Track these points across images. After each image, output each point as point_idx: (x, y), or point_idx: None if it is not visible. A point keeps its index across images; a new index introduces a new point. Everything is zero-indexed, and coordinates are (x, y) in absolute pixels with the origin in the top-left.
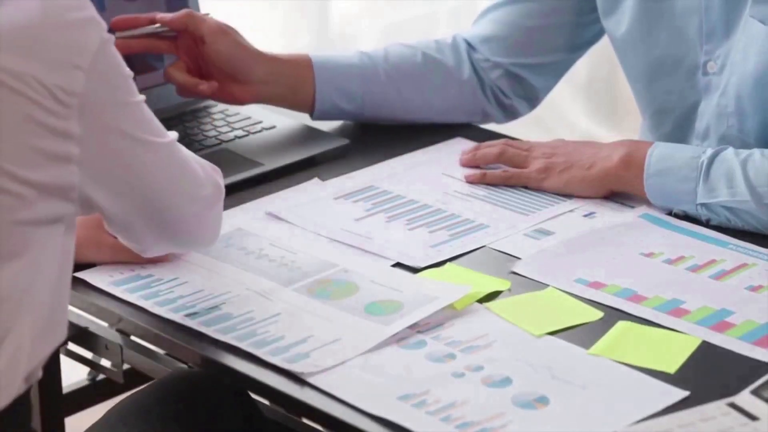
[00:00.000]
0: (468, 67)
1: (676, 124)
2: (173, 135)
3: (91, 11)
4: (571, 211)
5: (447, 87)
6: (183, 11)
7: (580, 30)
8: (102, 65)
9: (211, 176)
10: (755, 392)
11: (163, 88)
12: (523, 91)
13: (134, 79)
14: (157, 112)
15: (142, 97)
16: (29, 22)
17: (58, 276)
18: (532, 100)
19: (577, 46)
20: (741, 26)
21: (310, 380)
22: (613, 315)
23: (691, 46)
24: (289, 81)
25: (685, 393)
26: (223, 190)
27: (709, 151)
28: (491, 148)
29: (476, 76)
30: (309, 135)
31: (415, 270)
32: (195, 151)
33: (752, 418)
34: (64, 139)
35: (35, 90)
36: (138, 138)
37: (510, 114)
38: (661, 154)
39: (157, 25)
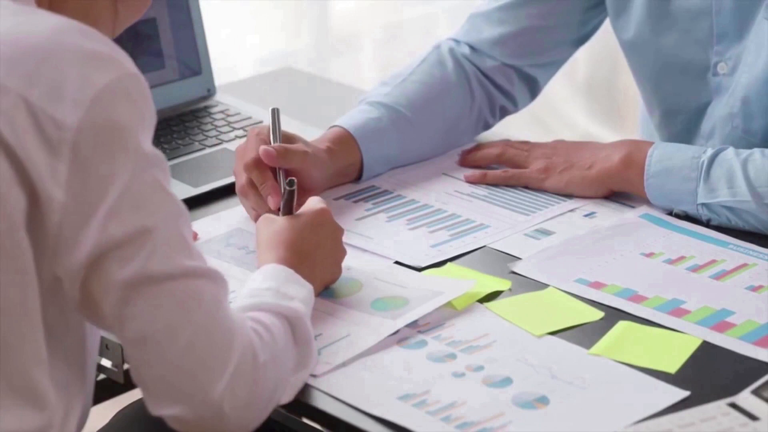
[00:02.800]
0: (478, 88)
1: (685, 124)
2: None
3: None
4: (571, 211)
5: (462, 118)
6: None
7: (584, 24)
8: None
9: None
10: (755, 392)
11: (162, 88)
12: (529, 91)
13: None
14: (157, 113)
15: None
16: None
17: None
18: (533, 95)
19: (580, 40)
20: (754, 28)
21: (311, 380)
22: (613, 315)
23: (701, 48)
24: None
25: (685, 393)
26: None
27: (710, 151)
28: (491, 148)
29: (486, 97)
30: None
31: (415, 270)
32: (195, 151)
33: (752, 418)
34: None
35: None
36: None
37: (503, 116)
38: (662, 154)
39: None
